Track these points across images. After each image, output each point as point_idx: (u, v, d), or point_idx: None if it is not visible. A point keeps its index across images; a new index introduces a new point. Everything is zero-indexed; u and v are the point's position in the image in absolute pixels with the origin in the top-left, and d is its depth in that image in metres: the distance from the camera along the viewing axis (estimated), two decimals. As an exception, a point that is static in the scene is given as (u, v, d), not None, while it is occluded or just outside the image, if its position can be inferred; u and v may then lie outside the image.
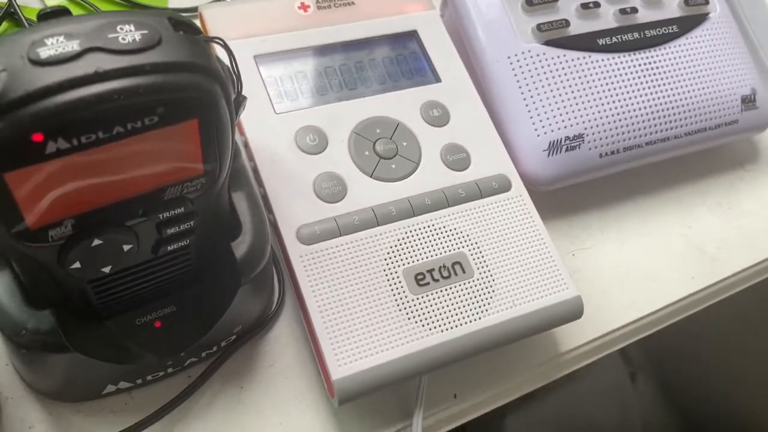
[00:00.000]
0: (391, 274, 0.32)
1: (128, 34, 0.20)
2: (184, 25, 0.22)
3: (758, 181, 0.45)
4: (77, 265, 0.24)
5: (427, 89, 0.37)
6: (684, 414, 0.88)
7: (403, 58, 0.38)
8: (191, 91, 0.21)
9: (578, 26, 0.40)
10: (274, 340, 0.33)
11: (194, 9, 0.44)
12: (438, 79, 0.38)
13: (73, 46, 0.19)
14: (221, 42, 0.24)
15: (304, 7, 0.38)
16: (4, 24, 0.41)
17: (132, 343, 0.28)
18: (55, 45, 0.19)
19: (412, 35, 0.39)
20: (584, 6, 0.40)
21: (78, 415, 0.29)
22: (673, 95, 0.40)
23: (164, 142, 0.22)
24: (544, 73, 0.38)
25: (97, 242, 0.23)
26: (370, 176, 0.34)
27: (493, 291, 0.32)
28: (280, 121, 0.34)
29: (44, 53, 0.19)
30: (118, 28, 0.20)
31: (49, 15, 0.22)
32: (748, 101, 0.42)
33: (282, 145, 0.34)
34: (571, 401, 0.83)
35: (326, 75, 0.36)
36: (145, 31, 0.20)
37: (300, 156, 0.34)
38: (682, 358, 0.88)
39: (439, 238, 0.33)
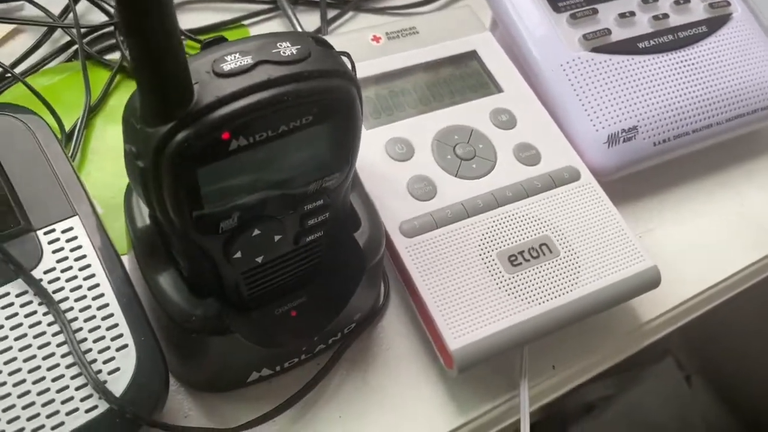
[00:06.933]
0: (487, 257, 0.35)
1: (287, 48, 0.25)
2: (322, 42, 0.26)
3: (798, 161, 0.49)
4: (238, 254, 0.28)
5: (493, 99, 0.42)
6: (740, 409, 0.89)
7: (467, 75, 0.43)
8: (339, 93, 0.25)
9: (619, 33, 0.44)
10: (387, 328, 0.36)
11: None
12: (500, 90, 0.42)
13: (248, 60, 0.24)
14: (348, 55, 0.28)
15: (376, 39, 0.43)
16: (118, 77, 0.47)
17: (274, 330, 0.31)
18: (233, 60, 0.24)
19: (472, 55, 0.43)
20: (621, 15, 0.45)
21: (226, 403, 0.33)
22: (711, 86, 0.44)
23: (315, 139, 0.26)
24: (595, 76, 0.43)
25: (256, 232, 0.27)
26: (455, 176, 0.38)
27: (579, 266, 0.36)
28: (370, 136, 0.39)
29: (226, 67, 0.24)
30: (277, 44, 0.25)
31: (211, 43, 0.26)
32: (780, 86, 0.46)
33: (375, 155, 0.38)
34: (632, 408, 0.85)
35: (403, 94, 0.41)
36: (299, 46, 0.25)
37: (392, 163, 0.38)
38: (730, 355, 0.89)
39: (524, 224, 0.37)
